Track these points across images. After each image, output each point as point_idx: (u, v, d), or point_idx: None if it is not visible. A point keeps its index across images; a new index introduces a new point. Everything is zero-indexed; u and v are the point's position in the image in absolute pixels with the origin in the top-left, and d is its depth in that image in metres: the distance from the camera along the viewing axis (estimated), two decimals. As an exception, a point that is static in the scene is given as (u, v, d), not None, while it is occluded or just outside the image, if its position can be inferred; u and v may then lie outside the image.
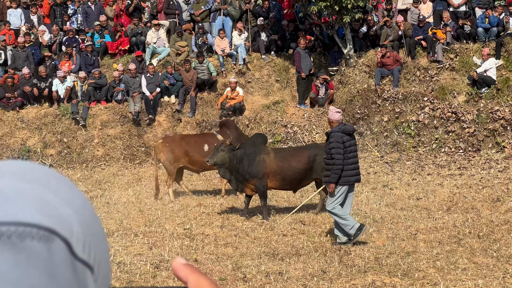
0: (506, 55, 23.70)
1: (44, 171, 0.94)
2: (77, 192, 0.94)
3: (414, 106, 23.37)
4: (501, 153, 21.48)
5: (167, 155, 17.87)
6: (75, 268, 0.86)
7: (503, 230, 13.13)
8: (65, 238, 0.85)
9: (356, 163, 12.51)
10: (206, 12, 27.20)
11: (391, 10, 26.16)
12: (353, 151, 12.46)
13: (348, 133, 12.40)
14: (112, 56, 26.92)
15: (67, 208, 0.89)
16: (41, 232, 0.83)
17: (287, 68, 26.15)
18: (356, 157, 12.55)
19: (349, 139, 12.38)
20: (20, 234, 0.81)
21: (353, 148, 12.44)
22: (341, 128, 12.42)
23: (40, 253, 0.82)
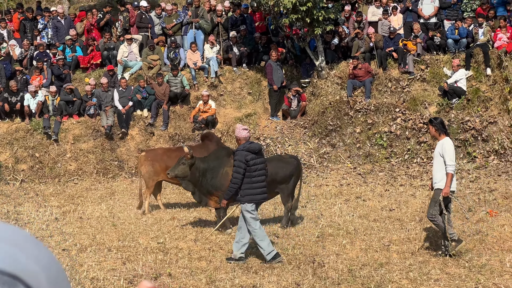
0: (476, 66, 23.91)
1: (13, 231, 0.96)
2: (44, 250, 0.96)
3: (386, 117, 23.49)
4: (472, 163, 21.63)
5: (148, 168, 17.85)
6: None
7: (475, 240, 13.23)
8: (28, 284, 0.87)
9: (262, 182, 12.53)
10: (178, 25, 27.22)
11: (361, 22, 26.32)
12: (260, 169, 12.48)
13: (254, 152, 12.45)
14: (84, 70, 26.83)
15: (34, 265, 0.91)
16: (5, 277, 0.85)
17: (259, 81, 26.20)
18: (263, 175, 12.55)
19: (254, 158, 12.43)
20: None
21: (259, 167, 12.47)
22: (246, 147, 12.50)
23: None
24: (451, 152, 12.20)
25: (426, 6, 26.08)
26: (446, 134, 12.58)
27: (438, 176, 12.32)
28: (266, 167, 12.75)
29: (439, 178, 12.29)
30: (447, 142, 12.33)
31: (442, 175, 12.25)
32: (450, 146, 12.27)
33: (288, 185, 15.22)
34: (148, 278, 11.60)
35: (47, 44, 27.20)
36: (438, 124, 12.50)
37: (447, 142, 12.33)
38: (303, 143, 23.61)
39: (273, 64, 24.94)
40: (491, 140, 22.06)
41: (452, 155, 12.18)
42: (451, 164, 12.13)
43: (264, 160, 12.75)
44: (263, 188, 12.53)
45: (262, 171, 12.53)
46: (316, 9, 23.84)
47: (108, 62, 26.37)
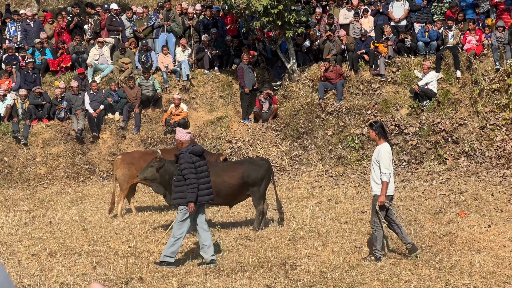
0: (446, 68, 24.09)
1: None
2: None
3: (358, 120, 23.57)
4: (443, 165, 21.76)
5: (124, 171, 17.76)
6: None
7: (445, 242, 13.31)
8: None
9: (208, 183, 12.58)
10: (149, 28, 27.14)
11: (333, 25, 26.39)
12: (204, 171, 12.54)
13: (197, 154, 12.51)
14: (53, 74, 26.66)
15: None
16: None
17: (231, 84, 26.20)
18: (207, 176, 12.60)
19: (198, 160, 12.49)
20: None
21: (204, 168, 12.53)
22: (190, 149, 12.55)
23: None
24: (387, 159, 12.06)
25: (396, 9, 26.24)
26: (386, 139, 12.42)
27: (375, 183, 12.26)
28: (207, 170, 12.74)
29: (376, 185, 12.24)
30: (383, 149, 12.17)
31: (378, 182, 12.20)
32: (386, 153, 12.10)
33: (260, 187, 15.22)
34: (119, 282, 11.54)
35: (16, 47, 26.98)
36: (378, 128, 12.35)
37: (383, 149, 12.17)
38: (274, 146, 23.63)
39: (245, 67, 24.94)
40: (461, 142, 22.20)
41: (388, 162, 12.05)
42: (386, 172, 12.02)
43: (206, 163, 12.77)
44: (209, 189, 12.57)
45: (206, 172, 12.58)
46: (287, 12, 23.88)
47: (78, 65, 26.22)
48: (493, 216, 15.19)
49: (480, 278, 10.90)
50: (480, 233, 13.82)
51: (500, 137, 21.97)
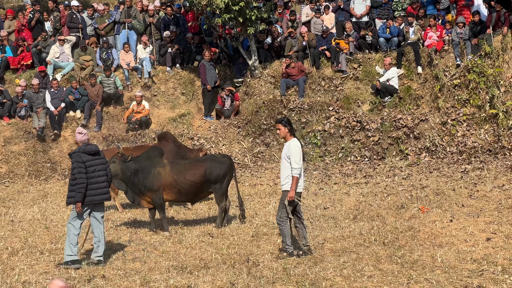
0: (407, 64, 24.24)
1: None
2: None
3: (320, 116, 23.63)
4: (405, 160, 21.90)
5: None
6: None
7: (407, 237, 13.38)
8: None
9: (102, 182, 12.55)
10: (110, 25, 26.98)
11: (295, 21, 26.43)
12: (98, 170, 12.51)
13: (90, 153, 12.51)
14: (14, 71, 26.40)
15: None
16: None
17: (193, 81, 26.15)
18: (102, 176, 12.56)
19: (91, 159, 12.48)
20: None
21: (96, 168, 12.50)
22: (82, 149, 12.55)
23: None
24: (297, 155, 12.01)
25: (358, 5, 26.35)
26: (294, 134, 12.41)
27: (285, 178, 12.27)
28: (107, 168, 12.73)
29: (286, 180, 12.24)
30: (293, 144, 12.14)
31: (288, 177, 12.19)
32: (296, 149, 12.06)
33: (222, 184, 15.22)
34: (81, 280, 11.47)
35: (-25, 44, 26.71)
36: (288, 125, 12.31)
37: (293, 144, 12.14)
38: (237, 143, 23.63)
39: (207, 64, 24.91)
40: (422, 137, 22.36)
41: (298, 158, 12.01)
42: (297, 167, 11.99)
43: (105, 161, 12.73)
44: (102, 188, 12.54)
45: (100, 172, 12.54)
46: (249, 9, 23.89)
47: (38, 63, 25.99)
48: (454, 211, 15.29)
49: (442, 272, 10.97)
50: (442, 228, 13.91)
51: (461, 133, 22.16)
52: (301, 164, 12.06)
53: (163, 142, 18.25)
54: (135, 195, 15.09)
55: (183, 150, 18.30)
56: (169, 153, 17.41)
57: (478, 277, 10.70)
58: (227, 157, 15.80)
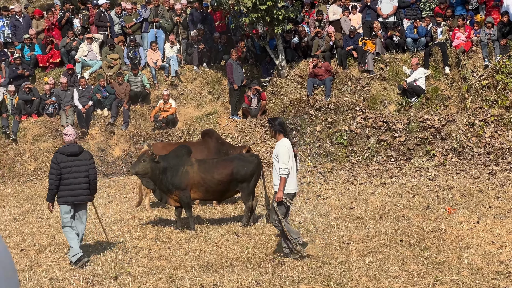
0: (435, 65, 24.15)
1: None
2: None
3: (346, 116, 23.60)
4: (431, 161, 21.82)
5: None
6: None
7: (433, 238, 13.33)
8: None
9: (75, 184, 12.52)
10: (137, 24, 27.10)
11: (322, 21, 26.40)
12: (72, 172, 12.48)
13: (68, 154, 12.51)
14: (43, 69, 26.60)
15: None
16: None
17: (220, 80, 26.20)
18: (76, 178, 12.52)
19: (66, 160, 12.46)
20: None
21: (71, 170, 12.48)
22: (60, 149, 12.63)
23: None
24: (284, 155, 11.88)
25: (385, 5, 26.27)
26: (285, 135, 12.26)
27: (276, 179, 12.16)
28: (86, 170, 12.63)
29: (277, 181, 12.12)
30: (281, 144, 12.02)
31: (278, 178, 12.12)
32: (283, 148, 11.93)
33: (249, 184, 15.23)
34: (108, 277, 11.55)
35: (4, 43, 26.91)
36: (276, 126, 12.17)
37: (281, 144, 12.02)
38: (263, 142, 23.64)
39: (234, 63, 24.95)
40: (449, 138, 22.27)
41: (286, 158, 11.87)
42: (283, 167, 11.85)
43: (85, 163, 12.63)
44: (77, 190, 12.52)
45: (74, 173, 12.50)
46: (276, 8, 23.90)
47: (67, 61, 26.17)
48: (481, 213, 15.22)
49: (469, 274, 10.93)
50: (468, 229, 13.85)
51: (489, 134, 22.05)
52: (289, 164, 11.90)
53: (207, 139, 18.30)
54: (162, 194, 15.13)
55: (226, 147, 18.30)
56: (212, 150, 17.50)
57: (505, 279, 10.65)
58: (255, 156, 15.79)
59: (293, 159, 12.07)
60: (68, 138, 12.70)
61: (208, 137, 18.36)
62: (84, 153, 12.71)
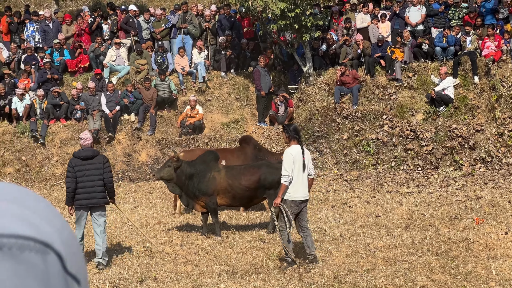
0: (463, 74, 23.99)
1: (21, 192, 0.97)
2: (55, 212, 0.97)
3: (373, 124, 23.52)
4: (459, 171, 21.69)
5: None
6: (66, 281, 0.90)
7: (461, 248, 13.23)
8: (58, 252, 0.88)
9: (88, 187, 12.49)
10: (166, 30, 27.18)
11: (350, 29, 26.33)
12: (86, 175, 12.47)
13: (81, 158, 12.50)
14: (71, 74, 26.75)
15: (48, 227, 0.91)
16: (38, 245, 0.87)
17: (247, 86, 26.20)
18: (90, 181, 12.49)
19: (80, 163, 12.47)
20: (19, 246, 0.85)
21: (86, 173, 12.47)
22: (75, 153, 12.66)
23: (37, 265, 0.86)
24: (286, 162, 11.81)
25: (413, 13, 26.15)
26: (298, 141, 12.14)
27: None
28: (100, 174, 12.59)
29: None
30: (287, 151, 12.00)
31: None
32: (287, 155, 11.88)
33: (276, 190, 15.18)
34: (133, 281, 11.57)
35: (35, 47, 27.12)
36: (291, 131, 12.08)
37: (287, 151, 12.00)
38: (290, 149, 23.57)
39: (261, 70, 24.96)
40: (478, 148, 22.12)
41: (288, 165, 11.80)
42: (285, 174, 11.80)
43: (99, 167, 12.59)
44: (91, 193, 12.52)
45: (88, 177, 12.49)
46: (304, 16, 23.88)
47: (95, 66, 26.32)
48: (510, 223, 15.09)
49: (497, 285, 10.83)
50: (496, 240, 13.73)
51: (518, 144, 21.91)
52: (290, 171, 11.81)
53: (244, 145, 18.32)
54: (189, 199, 15.13)
55: (263, 153, 18.28)
56: (250, 157, 17.49)
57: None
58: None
59: (300, 166, 11.95)
60: (85, 143, 12.73)
61: (246, 144, 18.35)
62: (99, 157, 12.72)
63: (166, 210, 18.20)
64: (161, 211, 18.06)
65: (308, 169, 12.06)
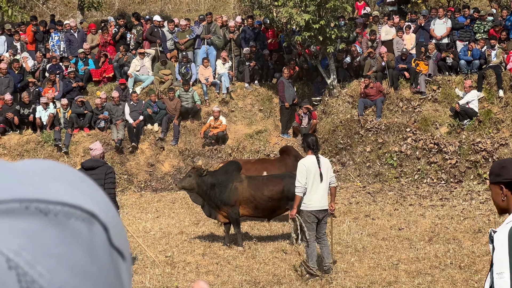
0: (488, 88, 23.86)
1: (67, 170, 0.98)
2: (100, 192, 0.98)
3: (397, 137, 23.45)
4: (483, 184, 21.55)
5: None
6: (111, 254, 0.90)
7: (484, 261, 13.14)
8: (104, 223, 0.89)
9: None
10: (190, 41, 27.27)
11: (375, 41, 26.30)
12: None
13: (85, 168, 12.34)
14: (96, 84, 26.89)
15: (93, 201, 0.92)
16: (84, 214, 0.87)
17: (271, 98, 26.21)
18: None
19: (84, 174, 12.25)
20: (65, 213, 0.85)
21: None
22: (82, 163, 12.61)
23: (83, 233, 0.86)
24: (299, 173, 11.76)
25: (438, 26, 26.09)
26: (314, 152, 12.02)
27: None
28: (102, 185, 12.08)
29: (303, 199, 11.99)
30: (300, 161, 11.96)
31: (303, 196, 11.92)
32: (300, 166, 11.83)
33: (299, 202, 15.16)
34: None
35: (60, 57, 27.28)
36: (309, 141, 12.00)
37: (300, 161, 11.96)
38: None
39: (285, 81, 24.96)
40: (502, 162, 21.96)
41: (301, 175, 11.73)
42: (298, 185, 11.76)
43: (100, 177, 12.19)
44: None
45: None
46: (329, 27, 23.88)
47: (119, 75, 26.44)
48: (533, 237, 14.98)
49: (520, 298, 10.74)
50: (519, 254, 13.62)
51: (542, 158, 21.71)
52: (303, 182, 11.75)
53: (285, 156, 18.33)
54: (211, 209, 15.12)
55: None
56: (290, 167, 17.44)
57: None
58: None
59: (316, 177, 11.86)
60: (93, 153, 12.63)
61: (286, 154, 18.35)
62: (102, 168, 12.43)
63: (188, 220, 18.22)
64: (184, 221, 18.08)
65: (327, 179, 12.00)
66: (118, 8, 36.84)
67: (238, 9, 34.98)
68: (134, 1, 37.89)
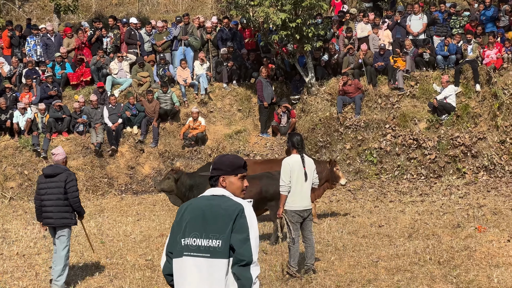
0: (465, 82, 23.95)
1: None
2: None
3: (376, 134, 23.51)
4: (462, 179, 21.66)
5: None
6: None
7: (463, 256, 13.19)
8: None
9: (47, 206, 12.09)
10: (168, 42, 27.21)
11: (351, 38, 26.34)
12: (47, 193, 12.08)
13: (45, 175, 12.20)
14: (73, 87, 26.77)
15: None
16: None
17: (249, 97, 26.22)
18: (49, 200, 12.07)
19: (43, 181, 12.17)
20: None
21: (46, 191, 12.09)
22: (43, 169, 12.39)
23: None
24: (283, 172, 11.73)
25: (414, 22, 26.17)
26: (298, 151, 11.94)
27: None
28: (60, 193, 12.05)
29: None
30: (284, 160, 11.89)
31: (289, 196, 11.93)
32: (284, 165, 11.79)
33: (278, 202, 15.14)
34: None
35: (36, 61, 27.13)
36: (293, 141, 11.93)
37: (284, 160, 11.89)
38: (292, 160, 23.55)
39: (263, 80, 24.97)
40: (480, 156, 22.09)
41: (284, 174, 11.70)
42: (282, 184, 11.74)
43: (59, 185, 12.07)
44: (48, 212, 12.09)
45: (49, 195, 12.07)
46: (306, 26, 23.89)
47: (97, 79, 26.34)
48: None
49: (498, 293, 10.81)
50: (499, 248, 13.70)
51: (520, 151, 21.87)
52: (287, 181, 11.71)
53: None
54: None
55: None
56: None
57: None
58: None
59: (300, 176, 11.84)
60: (55, 158, 12.39)
61: None
62: (62, 175, 12.13)
63: (169, 222, 18.17)
64: (164, 224, 18.03)
65: (311, 178, 11.99)
66: (95, 10, 36.70)
67: (216, 9, 34.98)
68: (111, 3, 37.75)
